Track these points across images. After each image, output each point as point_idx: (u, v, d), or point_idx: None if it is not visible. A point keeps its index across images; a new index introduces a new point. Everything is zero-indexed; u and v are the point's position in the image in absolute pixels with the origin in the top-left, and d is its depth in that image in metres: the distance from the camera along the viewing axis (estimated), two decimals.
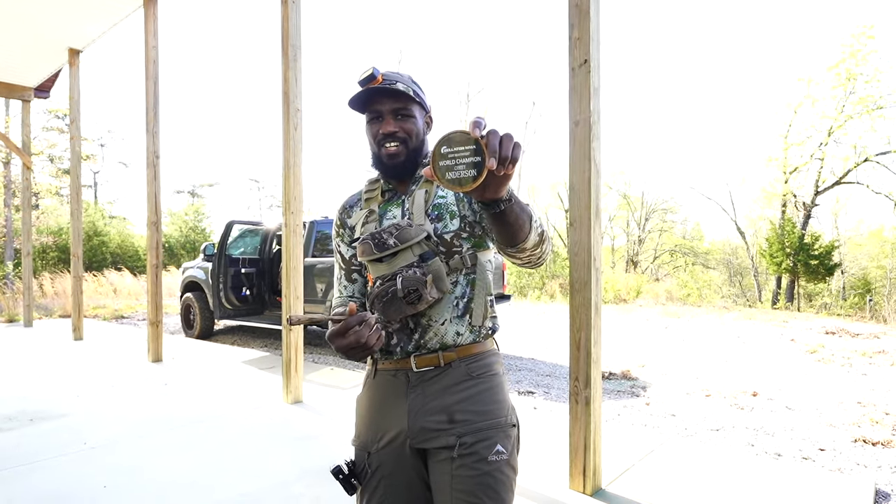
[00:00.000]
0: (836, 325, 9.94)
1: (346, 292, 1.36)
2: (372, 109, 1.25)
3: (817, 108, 19.53)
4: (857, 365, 6.25)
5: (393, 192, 1.33)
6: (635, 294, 17.35)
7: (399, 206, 1.30)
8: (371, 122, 1.26)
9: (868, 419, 4.13)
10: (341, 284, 1.37)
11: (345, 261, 1.37)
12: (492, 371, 1.27)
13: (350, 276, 1.36)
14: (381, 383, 1.30)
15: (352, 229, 1.35)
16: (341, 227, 1.38)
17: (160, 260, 5.74)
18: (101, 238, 21.07)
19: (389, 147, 1.24)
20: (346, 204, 1.39)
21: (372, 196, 1.33)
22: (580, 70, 2.43)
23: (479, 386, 1.24)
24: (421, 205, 1.26)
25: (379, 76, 1.21)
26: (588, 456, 2.55)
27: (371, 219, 1.30)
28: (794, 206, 20.57)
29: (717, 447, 3.45)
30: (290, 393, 4.15)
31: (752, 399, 4.73)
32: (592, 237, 2.47)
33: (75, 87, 7.15)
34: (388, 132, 1.23)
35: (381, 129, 1.24)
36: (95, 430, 3.53)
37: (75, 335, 7.28)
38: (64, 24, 6.34)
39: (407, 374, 1.25)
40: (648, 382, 5.36)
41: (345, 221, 1.37)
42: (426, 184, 1.30)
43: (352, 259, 1.35)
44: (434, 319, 1.22)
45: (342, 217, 1.38)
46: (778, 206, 20.99)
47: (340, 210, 1.39)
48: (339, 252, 1.37)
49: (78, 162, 7.29)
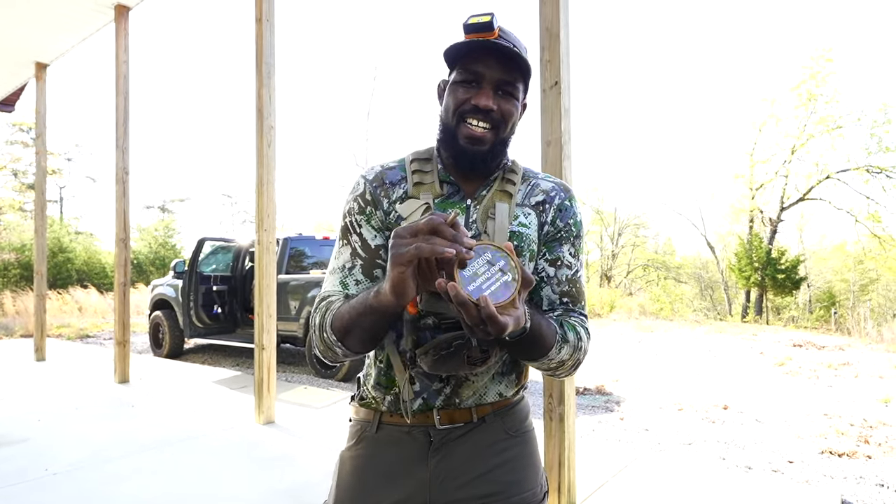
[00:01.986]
0: (803, 338, 10.21)
1: (358, 290, 0.97)
2: (470, 69, 0.94)
3: (781, 127, 20.28)
4: (824, 377, 6.42)
5: (454, 189, 1.01)
6: (609, 308, 17.56)
7: (463, 212, 0.99)
8: (460, 84, 0.95)
9: (834, 430, 4.23)
10: (352, 277, 0.97)
11: (368, 249, 0.98)
12: (529, 427, 1.08)
13: (372, 270, 0.98)
14: (388, 442, 1.01)
15: (391, 215, 1.00)
16: (372, 206, 1.00)
17: (128, 278, 5.61)
18: (67, 254, 20.46)
19: (476, 127, 0.95)
20: (384, 178, 1.02)
21: (425, 182, 1.00)
22: (551, 91, 2.48)
23: (516, 448, 1.03)
24: (504, 227, 0.98)
25: (496, 28, 0.92)
26: (563, 473, 2.55)
27: (421, 213, 0.97)
28: (761, 222, 21.19)
29: (690, 461, 3.49)
30: (262, 413, 4.07)
31: (723, 412, 4.81)
32: None
33: (42, 101, 6.99)
34: (484, 106, 0.93)
35: (476, 99, 0.94)
36: (58, 455, 3.40)
37: (37, 356, 7.03)
38: (30, 37, 6.22)
39: (428, 431, 0.98)
40: (622, 397, 5.41)
41: (379, 199, 1.00)
42: (502, 195, 1.01)
43: (379, 250, 0.99)
44: (476, 375, 0.98)
45: (376, 193, 1.01)
46: (745, 221, 21.59)
47: (374, 181, 1.02)
48: (360, 235, 0.99)
49: (43, 177, 7.10)
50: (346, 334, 0.87)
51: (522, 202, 1.03)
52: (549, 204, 1.04)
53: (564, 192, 1.07)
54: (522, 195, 1.04)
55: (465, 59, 0.95)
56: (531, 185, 1.05)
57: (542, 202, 1.04)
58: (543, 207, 1.04)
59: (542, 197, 1.05)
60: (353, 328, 0.86)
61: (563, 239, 1.05)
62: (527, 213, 1.02)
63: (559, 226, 1.04)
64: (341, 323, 0.87)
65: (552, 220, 1.04)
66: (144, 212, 35.21)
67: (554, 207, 1.04)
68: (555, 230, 1.04)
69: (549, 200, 1.04)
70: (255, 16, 4.01)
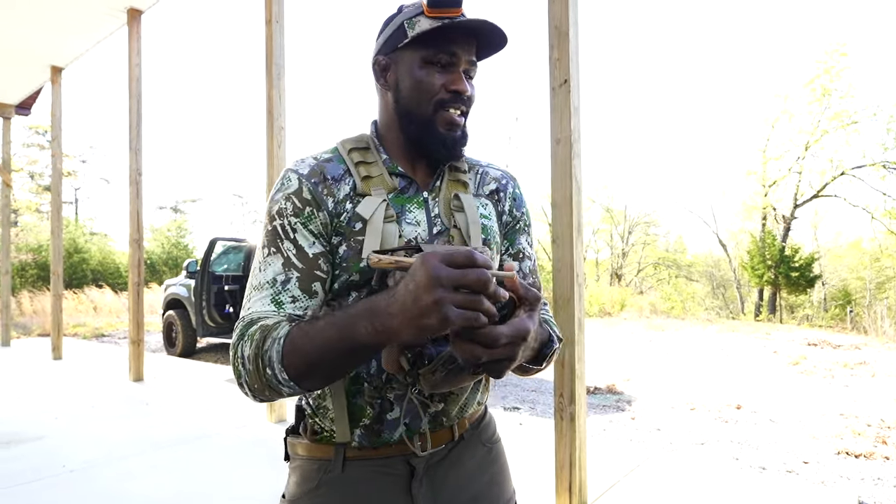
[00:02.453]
0: (818, 337, 10.09)
1: (294, 308, 0.80)
2: (448, 50, 0.84)
3: (794, 123, 20.02)
4: (839, 376, 6.34)
5: (406, 181, 0.90)
6: (620, 307, 17.47)
7: (421, 206, 0.89)
8: (434, 65, 0.85)
9: (850, 431, 4.18)
10: (286, 294, 0.80)
11: (305, 258, 0.81)
12: (496, 433, 1.02)
13: (310, 283, 0.81)
14: (360, 480, 0.86)
15: (341, 217, 0.84)
16: (313, 206, 0.83)
17: (142, 278, 5.67)
18: (82, 255, 20.74)
19: (454, 112, 0.87)
20: (323, 172, 0.86)
21: (373, 176, 0.88)
22: (560, 90, 2.47)
23: (495, 459, 0.99)
24: (477, 219, 0.90)
25: (462, 5, 0.84)
26: (574, 472, 2.55)
27: (389, 216, 0.85)
28: (774, 219, 20.95)
29: (703, 461, 3.46)
30: (274, 411, 4.10)
31: (737, 412, 4.77)
32: (575, 254, 2.49)
33: (57, 104, 7.08)
34: (463, 91, 0.86)
35: (454, 84, 0.85)
36: (74, 452, 3.45)
37: (54, 354, 7.13)
38: (46, 42, 6.30)
39: (407, 460, 0.87)
40: (633, 396, 5.39)
41: (322, 199, 0.83)
42: (458, 185, 0.93)
43: (318, 259, 0.82)
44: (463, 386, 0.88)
45: (317, 190, 0.84)
46: (758, 218, 21.36)
47: (311, 177, 0.85)
48: (295, 241, 0.82)
49: (59, 179, 7.20)
50: (309, 374, 0.70)
51: (477, 192, 0.97)
52: (503, 192, 1.00)
53: (513, 180, 1.03)
54: (474, 184, 0.98)
55: (437, 38, 0.84)
56: (480, 173, 1.00)
57: (496, 191, 0.99)
58: (498, 196, 0.99)
59: (494, 185, 0.99)
60: (323, 367, 0.69)
61: (521, 230, 1.01)
62: (484, 203, 0.95)
63: (516, 215, 1.00)
64: (303, 360, 0.69)
65: (509, 209, 1.00)
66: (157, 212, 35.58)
67: (508, 196, 1.00)
68: (512, 220, 1.00)
69: (502, 189, 1.00)
70: (265, 18, 4.03)
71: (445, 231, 0.89)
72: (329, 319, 0.68)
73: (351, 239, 0.83)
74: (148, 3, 5.53)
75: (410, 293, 0.58)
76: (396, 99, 0.89)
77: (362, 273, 0.82)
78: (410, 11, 0.86)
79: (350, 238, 0.83)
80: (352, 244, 0.83)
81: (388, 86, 0.90)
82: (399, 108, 0.89)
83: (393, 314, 0.60)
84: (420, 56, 0.85)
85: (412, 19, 0.85)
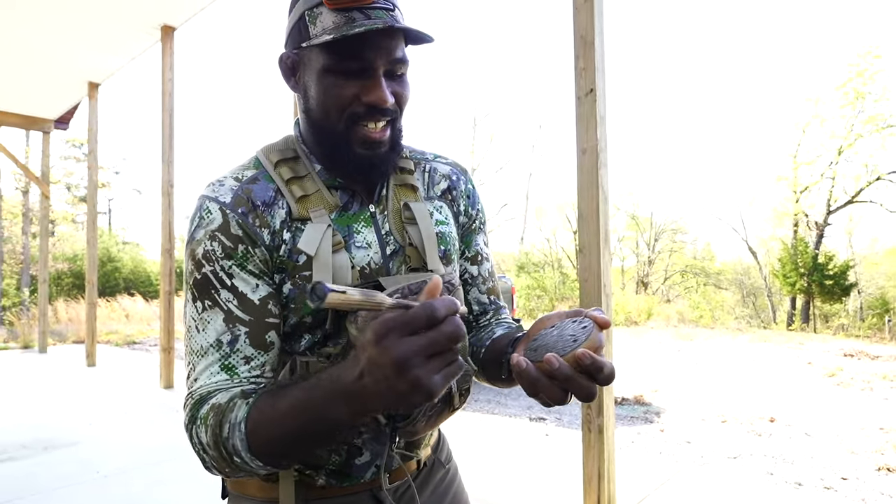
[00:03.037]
0: (855, 347, 9.77)
1: (250, 370, 0.69)
2: (355, 55, 0.69)
3: (826, 128, 19.54)
4: (878, 389, 6.12)
5: (347, 195, 0.78)
6: (646, 316, 17.20)
7: (369, 223, 0.78)
8: (339, 74, 0.70)
9: (891, 446, 4.03)
10: (237, 355, 0.69)
11: (251, 307, 0.70)
12: (450, 451, 0.97)
13: (263, 335, 0.71)
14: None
15: (280, 250, 0.72)
16: (247, 243, 0.71)
17: (173, 286, 5.80)
18: (115, 264, 21.33)
19: (374, 129, 0.73)
20: (250, 198, 0.73)
21: (309, 194, 0.75)
22: (586, 99, 2.46)
23: (453, 477, 0.94)
24: (431, 232, 0.80)
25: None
26: (602, 485, 2.51)
27: (337, 244, 0.73)
28: (807, 226, 20.42)
29: (735, 476, 3.38)
30: None
31: (770, 425, 4.64)
32: (602, 263, 2.47)
33: (93, 119, 7.33)
34: (382, 102, 0.71)
35: (368, 94, 0.70)
36: (108, 458, 3.53)
37: (88, 361, 7.33)
38: (84, 59, 6.54)
39: (374, 495, 0.80)
40: (662, 408, 5.29)
41: (255, 232, 0.71)
42: (405, 190, 0.82)
43: (267, 304, 0.71)
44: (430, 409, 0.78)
45: (248, 223, 0.71)
46: (789, 225, 20.85)
47: (237, 205, 0.72)
48: (234, 289, 0.70)
49: (95, 191, 7.44)
50: (285, 456, 0.63)
51: (428, 194, 0.86)
52: (455, 190, 0.89)
53: (463, 174, 0.92)
54: (423, 185, 0.86)
55: (342, 42, 0.68)
56: (427, 169, 0.88)
57: (448, 189, 0.88)
58: (452, 195, 0.88)
59: (445, 184, 0.88)
60: (299, 449, 0.62)
61: (476, 229, 0.92)
62: (438, 206, 0.85)
63: (471, 214, 0.91)
64: (273, 447, 0.62)
65: (464, 209, 0.90)
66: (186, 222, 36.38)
67: (462, 194, 0.90)
68: (469, 221, 0.90)
69: (454, 186, 0.89)
70: None
71: (400, 250, 0.78)
72: (291, 401, 0.59)
73: (296, 275, 0.72)
74: (181, 20, 5.70)
75: (380, 381, 0.50)
76: (307, 106, 0.76)
77: (315, 314, 0.71)
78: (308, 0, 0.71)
79: (295, 274, 0.72)
80: (298, 281, 0.72)
81: (299, 87, 0.76)
82: (310, 118, 0.76)
83: (369, 399, 0.53)
84: (324, 62, 0.70)
85: (313, 10, 0.70)
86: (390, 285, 0.70)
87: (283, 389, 0.63)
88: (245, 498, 0.80)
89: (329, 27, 0.68)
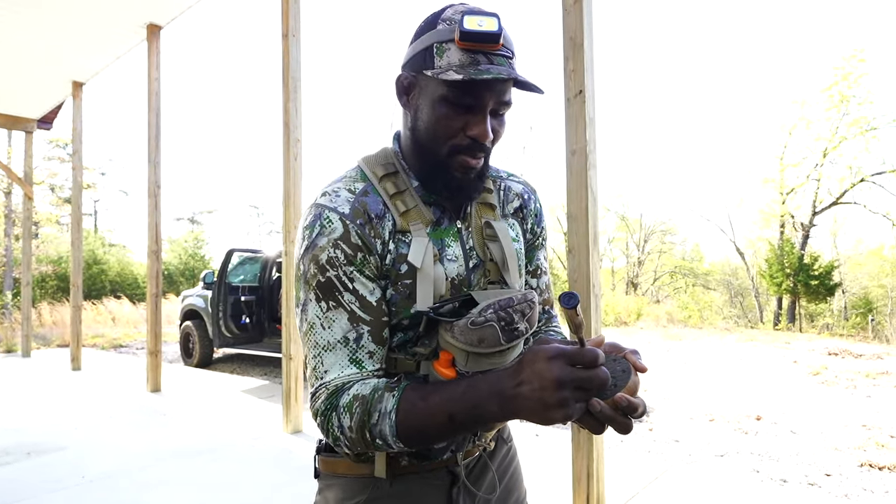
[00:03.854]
0: (839, 346, 9.90)
1: (373, 363, 0.79)
2: (476, 94, 0.76)
3: (812, 130, 19.79)
4: (861, 386, 6.21)
5: (439, 210, 0.86)
6: (636, 316, 17.31)
7: (456, 238, 0.86)
8: (454, 105, 0.77)
9: (874, 443, 4.09)
10: (363, 351, 0.78)
11: (370, 309, 0.79)
12: (509, 428, 1.04)
13: (381, 333, 0.80)
14: (408, 493, 0.88)
15: (386, 259, 0.81)
16: (364, 252, 0.79)
17: (160, 289, 5.75)
18: (101, 266, 21.09)
19: (471, 159, 0.80)
20: (366, 210, 0.81)
21: (409, 209, 0.83)
22: (575, 100, 2.47)
23: (514, 454, 1.04)
24: (513, 251, 0.88)
25: (501, 39, 0.75)
26: (591, 484, 2.52)
27: (434, 257, 0.82)
28: (793, 227, 20.67)
29: (723, 473, 3.41)
30: (289, 422, 4.12)
31: (756, 423, 4.69)
32: (591, 264, 2.49)
33: (78, 119, 7.24)
34: (485, 138, 0.78)
35: (473, 129, 0.78)
36: (94, 463, 3.49)
37: (73, 365, 7.23)
38: (68, 58, 6.46)
39: (450, 470, 0.90)
40: (651, 407, 5.32)
41: (371, 243, 0.79)
42: (486, 209, 0.90)
43: (382, 305, 0.80)
44: None
45: (366, 234, 0.79)
46: (776, 226, 21.08)
47: (356, 217, 0.80)
48: (356, 292, 0.79)
49: (79, 192, 7.35)
50: (425, 441, 0.74)
51: (503, 211, 0.94)
52: (526, 209, 0.97)
53: (534, 194, 1.00)
54: (499, 202, 0.94)
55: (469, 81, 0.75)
56: (502, 188, 0.96)
57: (520, 208, 0.96)
58: (523, 214, 0.96)
59: (518, 202, 0.96)
60: (443, 436, 0.72)
61: (539, 245, 0.99)
62: (512, 224, 0.93)
63: (537, 232, 0.99)
64: (422, 434, 0.72)
65: (531, 227, 0.97)
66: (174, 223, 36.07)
67: (531, 213, 0.98)
68: (533, 237, 0.98)
69: (525, 205, 0.97)
70: (282, 32, 4.10)
71: (481, 265, 0.87)
72: (445, 396, 0.70)
73: (399, 283, 0.81)
74: (167, 18, 5.65)
75: (536, 391, 0.61)
76: (414, 126, 0.83)
77: (412, 318, 0.81)
78: (444, 32, 0.76)
79: (397, 282, 0.81)
80: (400, 288, 0.81)
81: (410, 107, 0.84)
82: (415, 137, 0.83)
83: (519, 402, 0.63)
84: (443, 92, 0.77)
85: (443, 44, 0.76)
86: (482, 299, 0.77)
87: (431, 386, 0.74)
88: (336, 476, 0.89)
89: (455, 64, 0.75)
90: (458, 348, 0.75)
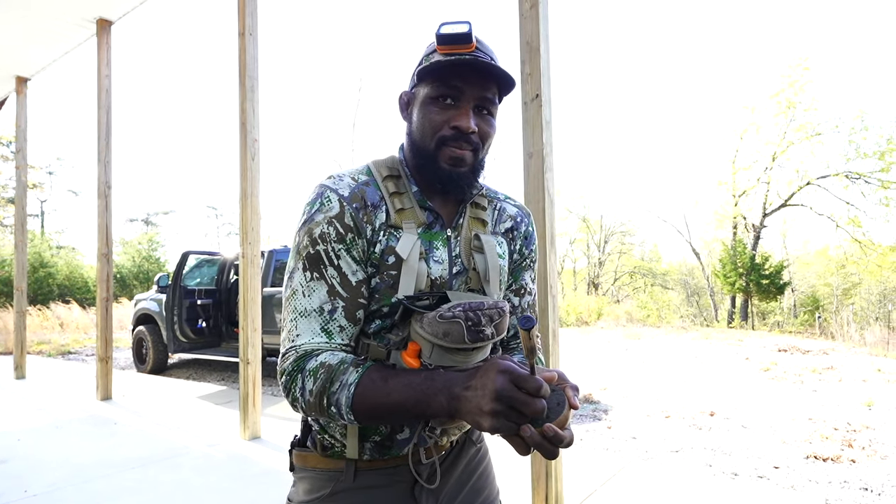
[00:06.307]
0: (788, 343, 10.33)
1: (342, 337, 0.84)
2: (452, 85, 0.85)
3: (762, 135, 20.62)
4: (808, 381, 6.49)
5: (433, 216, 0.92)
6: (597, 316, 17.65)
7: (445, 243, 0.91)
8: (435, 101, 0.86)
9: (819, 435, 4.27)
10: (334, 323, 0.84)
11: (349, 287, 0.84)
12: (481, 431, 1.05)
13: (354, 312, 0.85)
14: (370, 487, 0.91)
15: (375, 247, 0.87)
16: (354, 233, 0.85)
17: (111, 293, 5.53)
18: (48, 269, 20.15)
19: (457, 149, 0.87)
20: (364, 197, 0.87)
21: (405, 208, 0.90)
22: (532, 104, 2.50)
23: (484, 454, 1.06)
24: (496, 263, 0.93)
25: (473, 41, 0.84)
26: (550, 484, 2.55)
27: (421, 254, 0.88)
28: (745, 228, 21.47)
29: (677, 469, 3.50)
30: (247, 428, 4.02)
31: (710, 419, 4.84)
32: (548, 265, 2.51)
33: (22, 116, 6.91)
34: (466, 128, 0.85)
35: (456, 119, 0.85)
36: (38, 476, 3.33)
37: (17, 373, 6.88)
38: (11, 52, 6.16)
39: (413, 468, 0.92)
40: (610, 405, 5.43)
41: (362, 226, 0.86)
42: (477, 223, 0.96)
43: (361, 286, 0.85)
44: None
45: (359, 217, 0.86)
46: (729, 227, 21.86)
47: (352, 201, 0.86)
48: (339, 269, 0.84)
49: (23, 192, 7.01)
50: (373, 419, 0.78)
51: (494, 228, 0.99)
52: (516, 231, 1.02)
53: (528, 217, 1.06)
54: (492, 220, 1.00)
55: (440, 72, 0.86)
56: (497, 209, 1.02)
57: (511, 229, 1.02)
58: (512, 235, 1.02)
59: (510, 224, 1.02)
60: (391, 418, 0.77)
61: (527, 266, 1.04)
62: (500, 241, 0.98)
63: (524, 253, 1.03)
64: (373, 411, 0.77)
65: (519, 248, 1.02)
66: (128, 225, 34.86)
67: (521, 235, 1.03)
68: (521, 258, 1.03)
69: (516, 227, 1.03)
70: (238, 30, 4.00)
71: (464, 272, 0.92)
72: (404, 381, 0.75)
73: (384, 272, 0.86)
74: (118, 13, 5.44)
75: (476, 396, 0.68)
76: (410, 131, 0.92)
77: (392, 306, 0.86)
78: (430, 47, 0.90)
79: (383, 271, 0.86)
80: (385, 278, 0.86)
81: (408, 118, 0.94)
82: (411, 140, 0.92)
83: (462, 402, 0.70)
84: (428, 92, 0.88)
85: (429, 56, 0.88)
86: (455, 298, 0.83)
87: (394, 370, 0.79)
88: (308, 469, 0.94)
89: (428, 66, 0.86)
90: (425, 339, 0.80)
